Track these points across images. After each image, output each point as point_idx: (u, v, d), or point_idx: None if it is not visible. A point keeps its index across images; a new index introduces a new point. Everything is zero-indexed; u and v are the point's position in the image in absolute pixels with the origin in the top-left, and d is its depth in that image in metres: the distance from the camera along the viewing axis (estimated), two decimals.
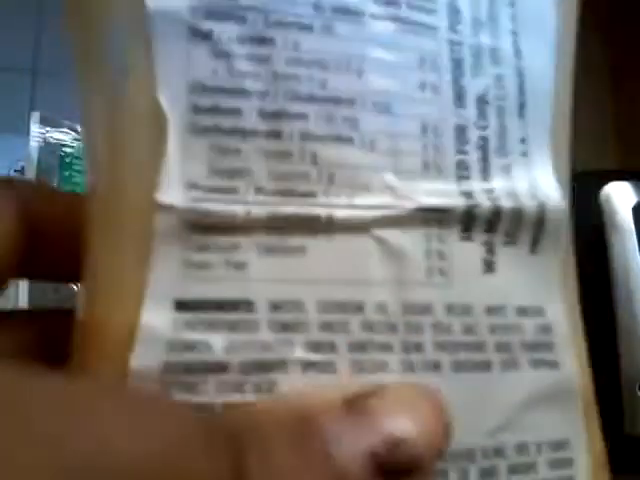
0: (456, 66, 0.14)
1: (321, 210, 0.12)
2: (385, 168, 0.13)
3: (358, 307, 0.12)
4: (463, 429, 0.12)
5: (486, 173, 0.14)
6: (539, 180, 0.14)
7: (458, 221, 0.13)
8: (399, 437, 0.10)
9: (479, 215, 0.13)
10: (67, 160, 0.37)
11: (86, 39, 0.14)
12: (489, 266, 0.14)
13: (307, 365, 0.12)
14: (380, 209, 0.13)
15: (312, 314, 0.12)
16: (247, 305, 0.12)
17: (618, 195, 0.33)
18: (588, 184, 0.32)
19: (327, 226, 0.12)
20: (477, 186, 0.14)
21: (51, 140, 0.37)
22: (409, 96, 0.14)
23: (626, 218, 0.33)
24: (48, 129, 0.37)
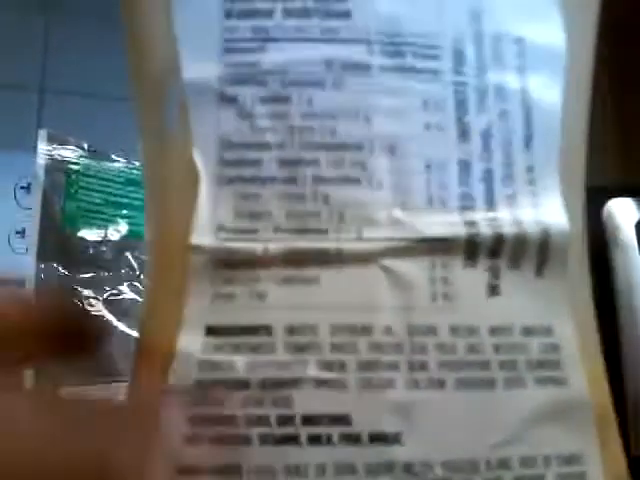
0: (460, 105, 0.15)
1: (331, 244, 0.14)
2: (391, 204, 0.15)
3: (366, 330, 0.14)
4: (466, 443, 0.14)
5: (491, 202, 0.15)
6: (545, 206, 0.15)
7: (461, 249, 0.15)
8: None
9: (481, 243, 0.15)
10: (73, 177, 0.39)
11: (147, 98, 0.16)
12: (493, 289, 0.15)
13: (320, 382, 0.14)
14: (387, 241, 0.14)
15: (324, 336, 0.14)
16: (266, 330, 0.14)
17: (621, 211, 0.32)
18: (590, 200, 0.31)
19: (337, 258, 0.14)
20: (480, 215, 0.15)
21: (58, 157, 0.38)
22: (414, 137, 0.15)
23: (629, 234, 0.32)
24: (55, 146, 0.39)
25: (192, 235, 0.14)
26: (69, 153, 0.40)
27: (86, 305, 0.38)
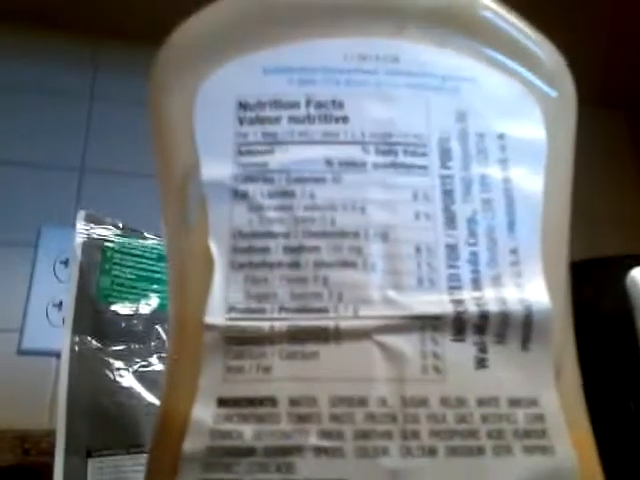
0: (447, 195, 0.17)
1: (330, 322, 0.16)
2: (385, 285, 0.16)
3: (362, 401, 0.15)
4: None
5: (477, 283, 0.17)
6: (527, 286, 0.17)
7: (450, 325, 0.16)
8: None
9: (468, 320, 0.16)
10: (108, 254, 0.41)
11: (171, 195, 0.19)
12: (481, 363, 0.16)
13: (319, 450, 0.15)
14: (381, 319, 0.16)
15: (324, 407, 0.15)
16: (271, 401, 0.15)
17: None
18: (614, 268, 0.32)
19: (335, 334, 0.16)
20: (467, 295, 0.16)
21: (94, 236, 0.41)
22: (405, 225, 0.17)
23: None
24: (92, 225, 0.41)
25: (206, 315, 0.16)
26: (105, 231, 0.42)
27: (117, 376, 0.40)
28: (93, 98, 0.68)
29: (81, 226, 0.41)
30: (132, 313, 0.42)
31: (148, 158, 0.19)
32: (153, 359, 0.41)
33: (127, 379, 0.40)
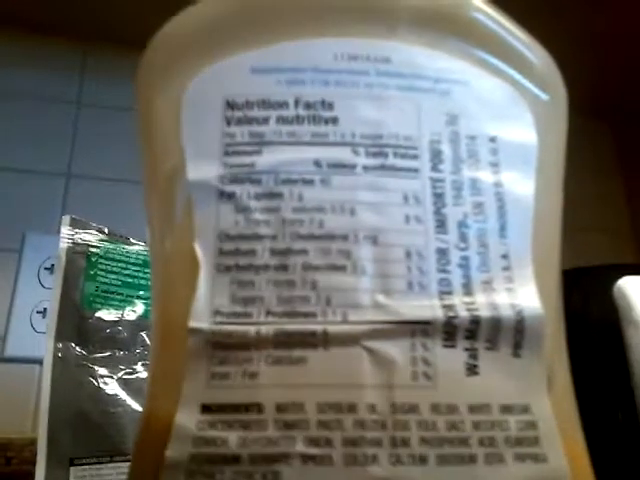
0: (438, 199, 0.17)
1: (318, 327, 0.15)
2: (374, 289, 0.16)
3: (351, 407, 0.15)
4: None
5: (468, 287, 0.16)
6: (519, 291, 0.16)
7: (440, 331, 0.16)
8: None
9: (459, 325, 0.16)
10: (93, 259, 0.40)
11: (157, 196, 0.18)
12: (472, 369, 0.16)
13: (307, 458, 0.14)
14: (370, 324, 0.16)
15: (311, 414, 0.15)
16: (257, 407, 0.15)
17: (633, 289, 0.33)
18: (601, 278, 0.32)
19: (323, 340, 0.15)
20: (458, 300, 0.16)
21: (79, 241, 0.40)
22: (395, 228, 0.17)
23: None
24: (77, 230, 0.40)
25: (191, 319, 0.15)
26: (90, 237, 0.41)
27: (101, 384, 0.39)
28: (80, 104, 0.67)
29: (66, 231, 0.41)
30: (117, 319, 0.41)
31: (134, 164, 0.18)
32: (138, 366, 0.41)
33: (111, 386, 0.39)
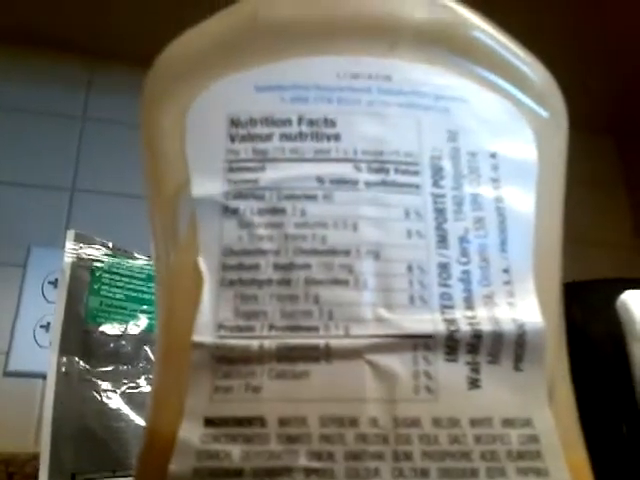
0: (439, 214, 0.17)
1: (321, 341, 0.15)
2: (376, 303, 0.16)
3: (353, 422, 0.15)
4: None
5: (469, 301, 0.16)
6: (520, 305, 0.17)
7: (442, 345, 0.16)
8: None
9: (461, 339, 0.16)
10: (97, 274, 0.40)
11: (162, 212, 0.18)
12: (474, 383, 0.16)
13: (309, 472, 0.15)
14: (372, 338, 0.16)
15: (314, 428, 0.15)
16: (260, 421, 0.15)
17: (637, 304, 0.33)
18: (604, 291, 0.32)
19: (326, 353, 0.15)
20: (460, 314, 0.16)
21: (84, 256, 0.40)
22: (397, 243, 0.17)
23: None
24: (81, 245, 0.41)
25: (194, 333, 0.15)
26: (94, 251, 0.42)
27: (104, 398, 0.39)
28: (85, 119, 0.68)
29: (70, 246, 0.41)
30: (120, 334, 0.41)
31: (139, 179, 0.19)
32: (141, 380, 0.41)
33: (115, 401, 0.39)
